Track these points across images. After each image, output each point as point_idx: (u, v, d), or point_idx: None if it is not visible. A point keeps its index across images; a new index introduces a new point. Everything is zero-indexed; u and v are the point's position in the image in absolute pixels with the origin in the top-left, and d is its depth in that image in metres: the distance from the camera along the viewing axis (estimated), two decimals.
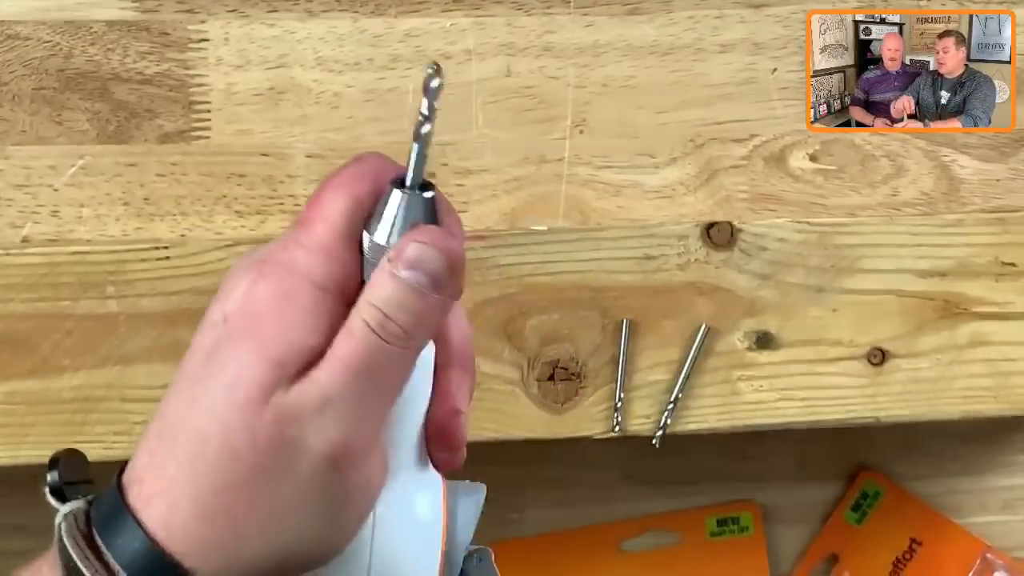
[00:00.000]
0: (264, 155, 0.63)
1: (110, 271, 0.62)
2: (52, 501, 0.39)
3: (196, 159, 0.62)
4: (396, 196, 0.37)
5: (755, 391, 0.66)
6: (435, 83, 0.36)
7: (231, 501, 0.36)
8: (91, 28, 0.62)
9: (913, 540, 0.78)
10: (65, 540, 0.37)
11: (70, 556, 0.36)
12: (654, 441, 0.65)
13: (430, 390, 0.41)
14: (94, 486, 0.40)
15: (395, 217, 0.37)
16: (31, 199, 0.61)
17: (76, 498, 0.39)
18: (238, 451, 0.36)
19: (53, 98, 0.61)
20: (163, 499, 0.36)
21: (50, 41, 0.61)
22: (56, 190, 0.61)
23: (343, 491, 0.37)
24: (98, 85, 0.62)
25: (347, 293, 0.37)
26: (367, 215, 0.38)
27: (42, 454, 0.61)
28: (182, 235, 0.62)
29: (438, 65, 0.36)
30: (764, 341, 0.66)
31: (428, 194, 0.38)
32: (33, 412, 0.61)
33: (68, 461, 0.41)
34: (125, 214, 0.62)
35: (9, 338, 0.61)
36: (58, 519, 0.38)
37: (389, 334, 0.36)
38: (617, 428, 0.65)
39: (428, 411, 0.41)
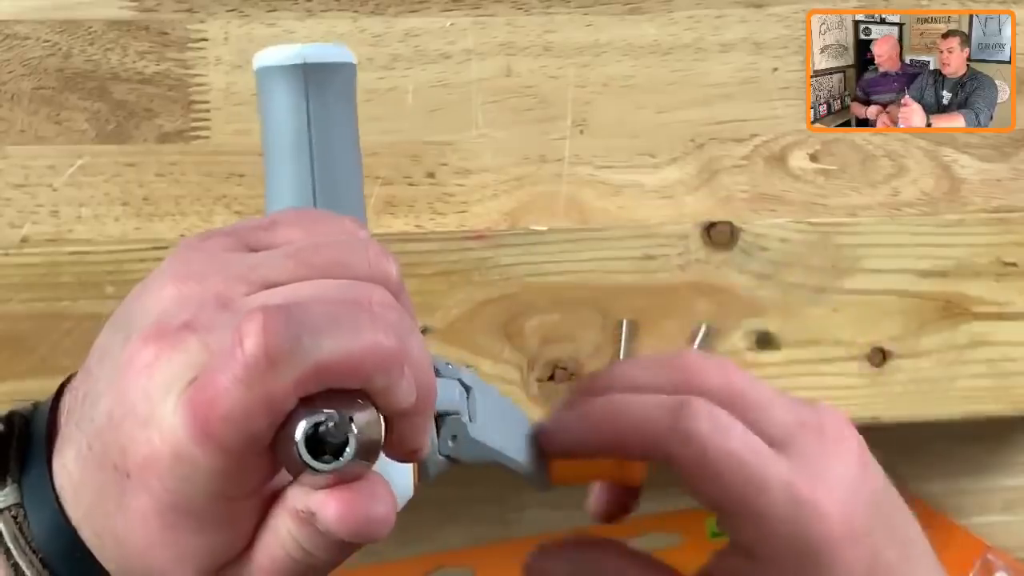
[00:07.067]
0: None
1: (109, 271, 0.62)
2: None
3: (195, 159, 0.62)
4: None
5: None
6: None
7: None
8: (90, 27, 0.61)
9: None
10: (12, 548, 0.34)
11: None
12: None
13: None
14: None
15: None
16: (30, 199, 0.61)
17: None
18: None
19: (52, 98, 0.61)
20: None
21: (49, 40, 0.61)
22: (55, 190, 0.61)
23: None
24: (97, 85, 0.61)
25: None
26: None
27: None
28: (182, 235, 0.62)
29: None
30: (764, 341, 0.66)
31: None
32: None
33: None
34: (124, 214, 0.62)
35: (8, 338, 0.61)
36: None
37: (301, 553, 0.33)
38: None
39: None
